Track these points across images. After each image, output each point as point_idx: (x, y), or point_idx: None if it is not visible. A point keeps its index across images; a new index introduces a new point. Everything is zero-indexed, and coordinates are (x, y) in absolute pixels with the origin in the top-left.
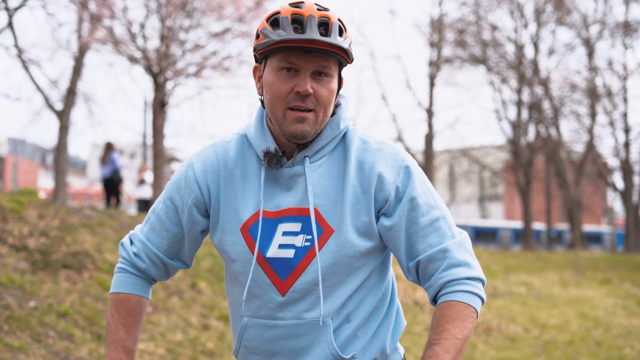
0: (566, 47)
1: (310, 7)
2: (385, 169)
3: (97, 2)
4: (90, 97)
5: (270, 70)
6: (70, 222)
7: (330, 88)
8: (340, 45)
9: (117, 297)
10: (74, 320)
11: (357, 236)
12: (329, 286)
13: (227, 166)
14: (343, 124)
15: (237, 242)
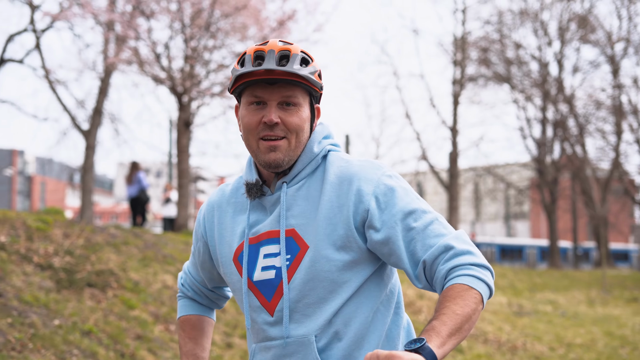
0: (591, 64)
1: (273, 44)
2: (364, 182)
3: (123, 23)
4: (116, 116)
5: (243, 106)
6: (95, 240)
7: (299, 116)
8: (296, 72)
9: (180, 320)
10: (98, 339)
11: (334, 250)
12: (311, 303)
13: (222, 205)
14: (317, 148)
15: (232, 272)
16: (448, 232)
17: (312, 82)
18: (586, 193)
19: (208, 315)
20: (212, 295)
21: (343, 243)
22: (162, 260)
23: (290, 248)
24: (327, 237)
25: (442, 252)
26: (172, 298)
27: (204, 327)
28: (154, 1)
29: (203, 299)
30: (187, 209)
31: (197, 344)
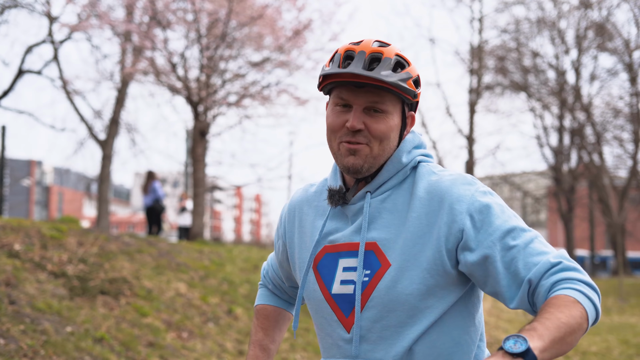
0: (608, 72)
1: (366, 44)
2: (457, 199)
3: (140, 34)
4: (132, 126)
5: (329, 106)
6: (109, 249)
7: (386, 123)
8: (382, 79)
9: (256, 308)
10: (110, 346)
11: (419, 272)
12: (389, 326)
13: (303, 207)
14: (406, 158)
15: (310, 280)
16: (550, 250)
17: (402, 90)
18: (603, 201)
19: (285, 308)
20: (292, 292)
21: (430, 265)
22: (175, 268)
23: (370, 263)
24: (414, 257)
25: (548, 268)
26: (185, 306)
27: (278, 320)
28: (170, 12)
29: (282, 294)
30: (202, 218)
31: (267, 334)
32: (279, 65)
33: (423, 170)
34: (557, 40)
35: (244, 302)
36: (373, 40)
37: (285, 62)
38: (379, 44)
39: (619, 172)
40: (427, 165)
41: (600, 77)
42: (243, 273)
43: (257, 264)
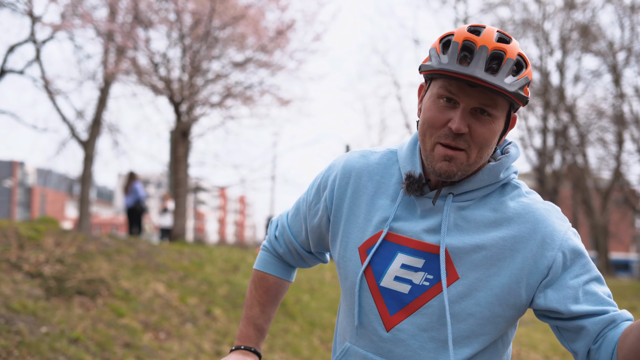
0: (592, 74)
1: (488, 36)
2: (550, 233)
3: (122, 34)
4: (115, 127)
5: (430, 94)
6: (87, 249)
7: (491, 129)
8: (505, 88)
9: (257, 273)
10: (85, 346)
11: (488, 295)
12: (437, 339)
13: (362, 176)
14: (504, 174)
15: (352, 260)
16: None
17: (519, 98)
18: (587, 203)
19: (287, 277)
20: (308, 257)
21: (503, 293)
22: (154, 269)
23: (435, 269)
24: (487, 278)
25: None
26: (163, 306)
27: (277, 293)
28: (153, 11)
29: (293, 259)
30: (184, 219)
31: (263, 311)
32: (261, 66)
33: (513, 189)
34: (541, 41)
35: (223, 303)
36: (494, 30)
37: (268, 62)
38: (499, 36)
39: (602, 173)
40: (517, 184)
41: (585, 79)
42: (223, 274)
43: (237, 264)
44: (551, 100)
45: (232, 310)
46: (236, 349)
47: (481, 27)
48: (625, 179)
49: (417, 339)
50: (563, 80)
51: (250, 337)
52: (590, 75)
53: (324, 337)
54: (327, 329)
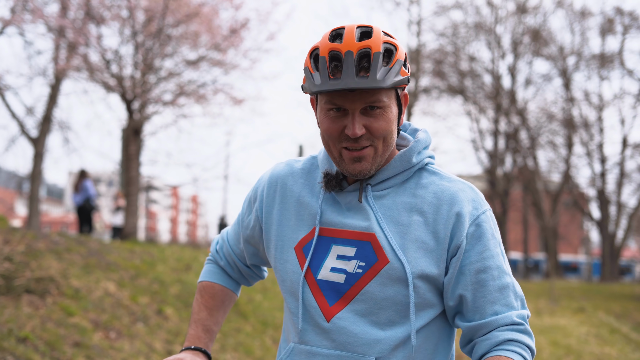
0: (543, 78)
1: (349, 39)
2: (465, 210)
3: (74, 30)
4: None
5: (320, 109)
6: (37, 247)
7: (386, 118)
8: (380, 86)
9: (201, 284)
10: (34, 346)
11: (419, 274)
12: (378, 322)
13: (287, 183)
14: (417, 158)
15: (289, 260)
16: (517, 305)
17: (399, 84)
18: (537, 205)
19: (233, 289)
20: (246, 272)
21: (430, 271)
22: (105, 267)
23: (366, 255)
24: (415, 260)
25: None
26: (114, 305)
27: (224, 300)
28: (105, 7)
29: (234, 272)
30: (135, 217)
31: (211, 314)
32: (215, 64)
33: (431, 173)
34: (493, 45)
35: (175, 302)
36: (354, 27)
37: (222, 61)
38: (361, 31)
39: (552, 176)
40: (435, 168)
41: (535, 82)
42: (175, 273)
43: (189, 263)
44: (503, 103)
45: (183, 310)
46: (186, 349)
47: (342, 30)
48: (575, 181)
49: (358, 324)
50: (514, 84)
51: (199, 338)
52: (541, 79)
53: (276, 337)
54: (279, 329)
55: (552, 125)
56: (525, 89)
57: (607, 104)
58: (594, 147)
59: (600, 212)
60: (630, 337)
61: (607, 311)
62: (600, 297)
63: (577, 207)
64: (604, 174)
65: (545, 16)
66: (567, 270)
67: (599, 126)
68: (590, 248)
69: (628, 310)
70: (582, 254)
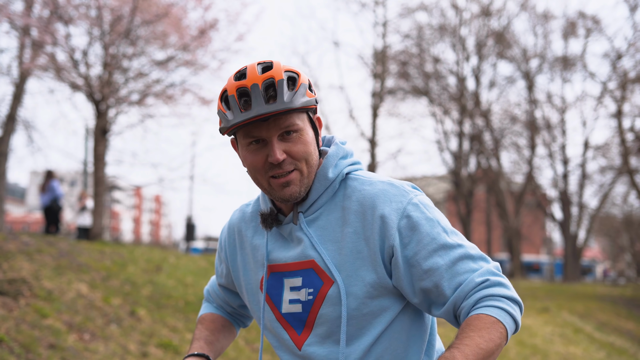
0: (507, 80)
1: (253, 74)
2: (388, 214)
3: (40, 28)
4: (30, 123)
5: (241, 146)
6: (7, 248)
7: (303, 141)
8: (289, 107)
9: (201, 317)
10: (9, 348)
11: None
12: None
13: (242, 229)
14: (333, 172)
15: (257, 301)
16: (479, 266)
17: (307, 105)
18: (500, 205)
19: (231, 321)
20: (237, 313)
21: (372, 279)
22: (76, 269)
23: (312, 281)
24: (355, 272)
25: (472, 287)
26: (87, 307)
27: (224, 325)
28: (72, 7)
29: (225, 313)
30: (102, 218)
31: (212, 333)
32: (183, 64)
33: (353, 181)
34: (458, 47)
35: (147, 303)
36: (255, 64)
37: (190, 61)
38: (262, 67)
39: (515, 177)
40: (357, 175)
41: (499, 84)
42: (146, 274)
43: (159, 264)
44: (467, 105)
45: (156, 311)
46: (190, 355)
47: (244, 69)
48: (537, 182)
49: (324, 346)
50: (479, 86)
51: (202, 348)
52: (504, 81)
53: (248, 338)
54: (251, 330)
55: (515, 127)
56: (489, 91)
57: (570, 106)
58: (557, 148)
59: (563, 213)
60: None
61: (570, 311)
62: (564, 297)
63: (540, 208)
64: (566, 175)
65: (509, 19)
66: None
67: (561, 128)
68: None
69: (591, 310)
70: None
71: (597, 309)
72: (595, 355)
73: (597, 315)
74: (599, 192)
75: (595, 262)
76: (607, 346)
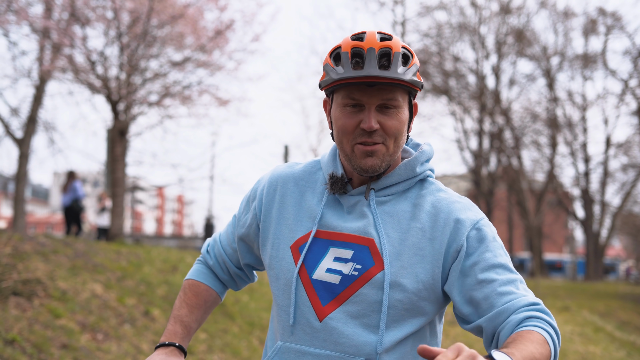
0: (527, 78)
1: (371, 39)
2: (462, 221)
3: (59, 31)
4: (51, 125)
5: (336, 105)
6: (23, 249)
7: (399, 119)
8: (401, 78)
9: (187, 282)
10: (22, 348)
11: (414, 282)
12: (369, 325)
13: (288, 183)
14: (420, 169)
15: (285, 259)
16: (529, 293)
17: (415, 85)
18: (521, 204)
19: (218, 291)
20: (236, 274)
21: (427, 278)
22: (92, 269)
23: (363, 259)
24: (411, 266)
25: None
26: (101, 307)
27: (207, 300)
28: (89, 9)
29: (223, 274)
30: (121, 218)
31: (191, 312)
32: (200, 65)
33: (430, 184)
34: (477, 45)
35: (162, 304)
36: (375, 32)
37: (207, 62)
38: (381, 36)
39: (536, 175)
40: (434, 181)
41: (519, 82)
42: (161, 274)
43: (175, 264)
44: (487, 103)
45: (170, 311)
46: (160, 345)
47: (363, 33)
48: (559, 181)
49: (349, 325)
50: (498, 84)
51: (176, 333)
52: (524, 79)
53: (263, 338)
54: (266, 329)
55: (536, 125)
56: (509, 89)
57: (591, 104)
58: (578, 146)
59: (585, 211)
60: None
61: (591, 310)
62: (585, 295)
63: (562, 206)
64: (587, 174)
65: (529, 16)
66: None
67: (582, 126)
68: (575, 247)
69: (612, 309)
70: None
71: (619, 307)
72: (615, 354)
73: (618, 314)
74: (621, 190)
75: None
76: (628, 345)
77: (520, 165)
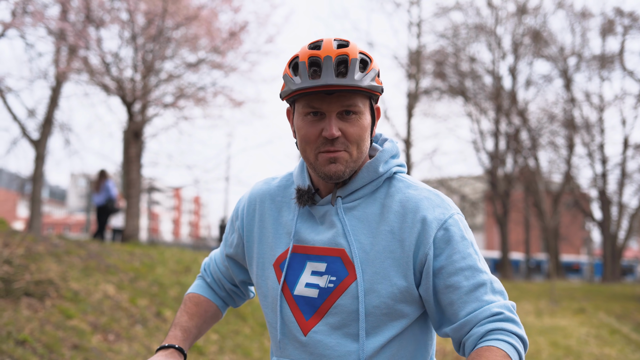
0: (544, 78)
1: (328, 47)
2: (429, 221)
3: (74, 33)
4: (67, 126)
5: (298, 115)
6: (36, 250)
7: (360, 125)
8: (358, 85)
9: (187, 295)
10: (33, 348)
11: (389, 287)
12: (351, 334)
13: (265, 201)
14: (384, 168)
15: (270, 277)
16: (497, 299)
17: (374, 89)
18: (538, 205)
19: (218, 305)
20: (232, 290)
21: (401, 284)
22: (104, 270)
23: (337, 270)
24: (384, 271)
25: (487, 316)
26: (113, 308)
27: (207, 310)
28: (104, 10)
29: (220, 291)
30: (135, 219)
31: (191, 319)
32: (215, 67)
33: (398, 182)
34: (494, 45)
35: (174, 305)
36: (332, 39)
37: (221, 63)
38: (338, 43)
39: (553, 176)
40: (403, 177)
41: (536, 83)
42: (174, 275)
43: (189, 265)
44: (503, 104)
45: None
46: (160, 348)
47: (320, 41)
48: (576, 182)
49: (332, 337)
50: (515, 85)
51: (175, 337)
52: (541, 79)
53: None
54: None
55: (553, 126)
56: (526, 90)
57: (608, 105)
58: (595, 147)
59: (602, 212)
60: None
61: (607, 312)
62: (601, 297)
63: (579, 207)
64: (605, 175)
65: (546, 17)
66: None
67: (600, 127)
68: (592, 248)
69: (629, 311)
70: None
71: (636, 309)
72: (631, 356)
73: (635, 316)
74: (639, 191)
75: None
76: None
77: (537, 166)
